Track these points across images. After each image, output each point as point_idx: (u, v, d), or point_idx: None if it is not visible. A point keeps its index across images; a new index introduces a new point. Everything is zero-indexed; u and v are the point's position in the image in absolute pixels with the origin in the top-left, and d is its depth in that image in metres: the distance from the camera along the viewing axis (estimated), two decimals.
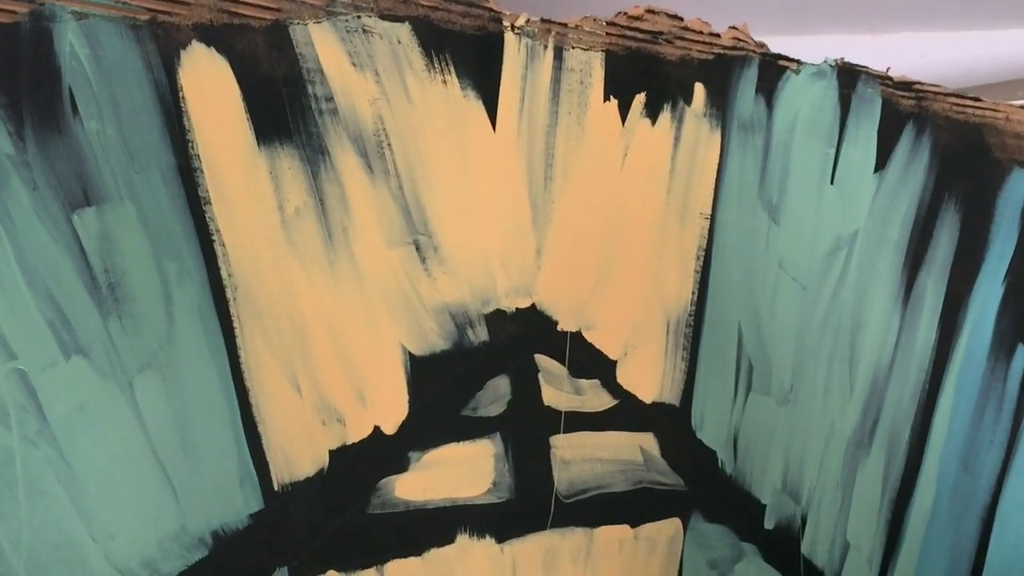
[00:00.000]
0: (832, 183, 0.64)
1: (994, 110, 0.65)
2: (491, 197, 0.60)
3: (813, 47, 0.60)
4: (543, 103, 0.59)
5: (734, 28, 0.58)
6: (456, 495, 0.67)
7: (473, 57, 0.56)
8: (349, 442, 0.61)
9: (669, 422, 0.70)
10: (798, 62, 0.61)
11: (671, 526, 0.74)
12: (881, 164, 0.65)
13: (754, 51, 0.60)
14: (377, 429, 0.62)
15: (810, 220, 0.68)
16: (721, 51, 0.60)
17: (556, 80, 0.59)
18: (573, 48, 0.58)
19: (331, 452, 0.61)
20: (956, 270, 0.69)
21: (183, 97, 0.50)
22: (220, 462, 0.57)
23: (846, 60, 0.62)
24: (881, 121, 0.64)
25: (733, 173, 0.64)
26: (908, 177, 0.66)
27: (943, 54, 0.76)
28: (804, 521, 0.74)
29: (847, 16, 0.67)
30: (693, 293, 0.66)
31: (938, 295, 0.69)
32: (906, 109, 0.64)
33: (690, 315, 0.67)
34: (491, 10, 0.55)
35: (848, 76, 0.62)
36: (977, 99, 0.64)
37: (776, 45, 0.51)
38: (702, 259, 0.65)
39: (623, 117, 0.60)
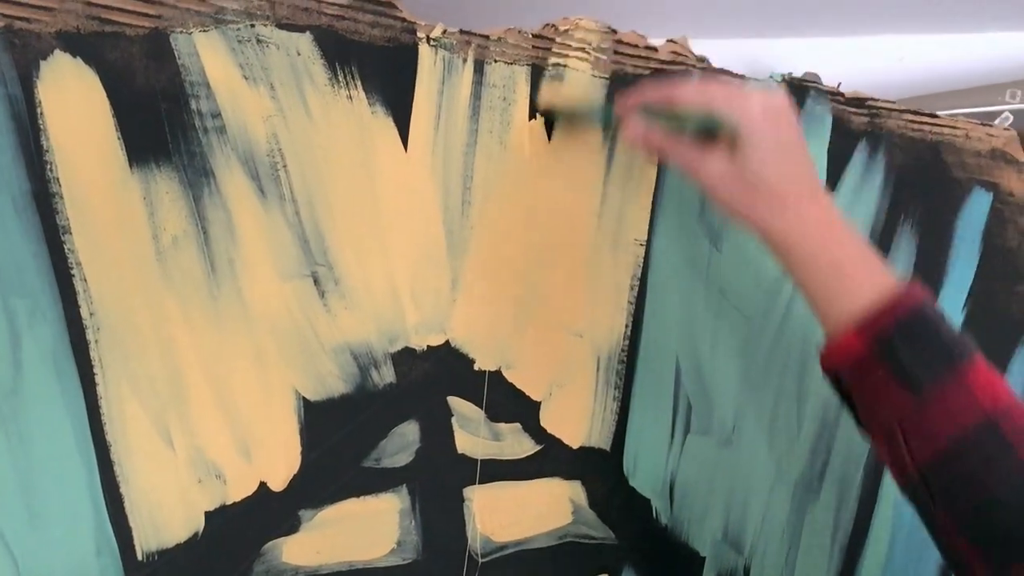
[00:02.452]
0: None
1: (952, 127, 0.78)
2: (401, 223, 0.67)
3: (788, 50, 0.70)
4: (461, 121, 0.67)
5: (672, 41, 0.67)
6: (354, 558, 0.74)
7: (383, 70, 0.63)
8: (229, 501, 0.68)
9: (598, 469, 0.80)
10: (742, 76, 0.72)
11: None
12: (832, 185, 0.77)
13: (694, 65, 0.70)
14: (263, 485, 0.69)
15: (755, 245, 0.79)
16: (658, 65, 0.70)
17: (476, 96, 0.67)
18: (495, 62, 0.66)
19: (208, 514, 0.67)
20: None
21: (41, 114, 0.55)
22: (73, 529, 0.63)
23: (794, 73, 0.74)
24: (832, 139, 0.76)
25: (671, 195, 0.74)
26: (861, 199, 0.79)
27: (922, 57, 0.89)
28: (747, 573, 0.86)
29: (823, 18, 0.79)
30: (626, 326, 0.76)
31: None
32: (858, 127, 0.77)
33: (623, 350, 0.77)
34: (404, 20, 0.62)
35: (796, 91, 0.73)
36: (933, 115, 0.77)
37: (741, 50, 0.62)
38: (636, 289, 0.75)
39: (549, 136, 0.69)
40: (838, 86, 0.74)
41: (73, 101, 0.56)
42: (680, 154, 0.58)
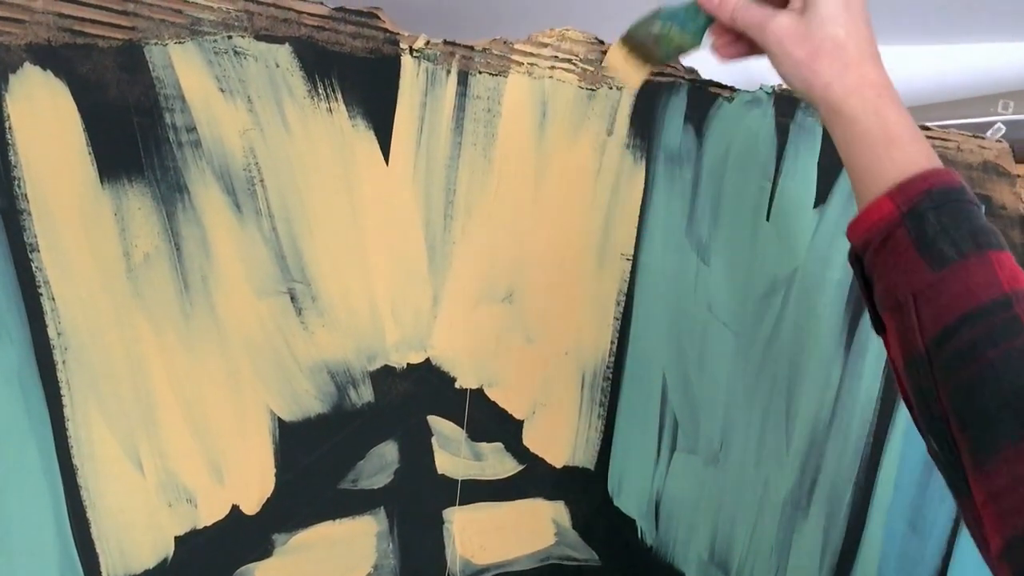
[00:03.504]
0: (768, 219, 0.78)
1: (944, 139, 0.81)
2: (381, 239, 0.69)
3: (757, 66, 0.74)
4: (444, 133, 0.69)
5: None
6: None
7: (364, 82, 0.65)
8: (200, 526, 0.69)
9: (582, 489, 0.82)
10: (732, 89, 0.74)
11: None
12: (822, 198, 0.79)
13: (683, 77, 0.73)
14: (235, 509, 0.70)
15: (743, 260, 0.81)
16: (647, 77, 0.73)
17: (460, 108, 0.69)
18: (480, 73, 0.68)
19: (178, 538, 0.69)
20: None
21: (9, 128, 0.56)
22: (37, 555, 0.64)
23: (784, 86, 0.77)
24: (821, 152, 0.78)
25: (658, 209, 0.76)
26: (851, 212, 0.80)
27: (913, 68, 0.93)
28: None
29: None
30: (612, 343, 0.79)
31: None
32: None
33: (608, 367, 0.80)
34: (387, 30, 0.64)
35: (786, 103, 0.76)
36: (926, 127, 0.80)
37: (739, 63, 0.65)
38: (623, 304, 0.78)
39: (535, 149, 0.72)
40: None
41: (42, 115, 0.57)
42: (750, 13, 0.60)
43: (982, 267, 0.52)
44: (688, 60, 0.71)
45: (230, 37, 0.61)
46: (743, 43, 0.62)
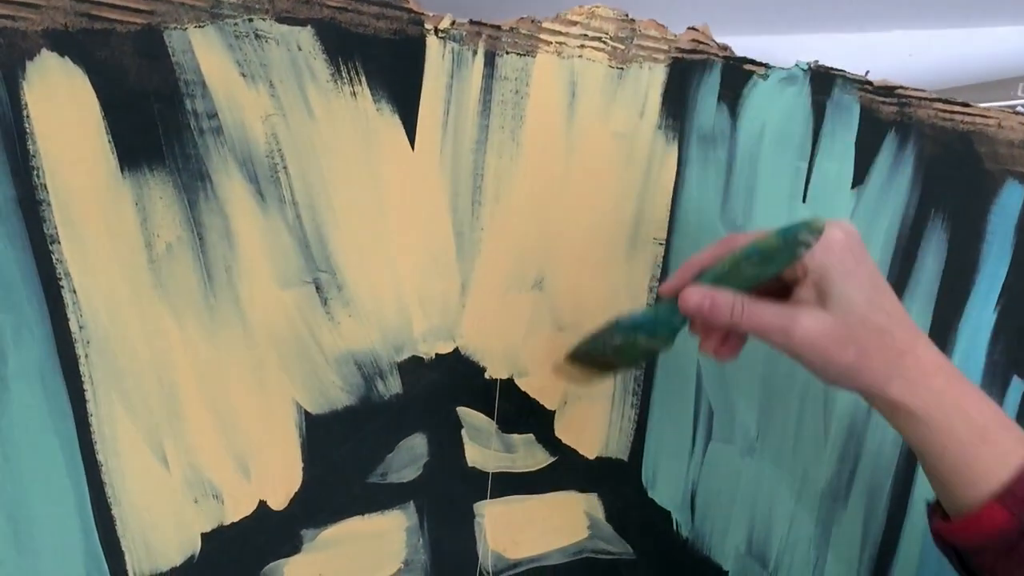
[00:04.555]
0: (804, 201, 0.76)
1: (984, 116, 0.78)
2: (408, 226, 0.68)
3: (794, 47, 0.71)
4: (471, 116, 0.67)
5: (693, 29, 0.68)
6: None
7: (389, 65, 0.63)
8: (227, 522, 0.68)
9: (616, 480, 0.80)
10: (766, 66, 0.72)
11: None
12: (859, 179, 0.77)
13: (716, 54, 0.70)
14: (263, 504, 0.69)
15: None
16: (679, 55, 0.70)
17: (487, 90, 0.67)
18: (507, 53, 0.66)
19: (204, 535, 0.68)
20: (943, 295, 0.83)
21: (28, 116, 0.55)
22: (61, 554, 0.63)
23: (820, 62, 0.74)
24: (859, 130, 0.76)
25: (692, 192, 0.74)
26: (890, 192, 0.79)
27: (932, 53, 0.90)
28: None
29: (830, 14, 0.80)
30: None
31: (924, 323, 0.83)
32: (887, 116, 0.77)
33: None
34: (410, 11, 0.62)
35: (822, 81, 0.74)
36: (966, 104, 0.77)
37: (753, 46, 0.61)
38: (655, 291, 0.76)
39: (564, 131, 0.70)
40: (866, 74, 0.74)
41: (61, 103, 0.56)
42: (762, 316, 0.51)
43: None
44: (730, 35, 0.68)
45: (251, 20, 0.59)
46: (739, 337, 0.55)
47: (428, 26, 0.63)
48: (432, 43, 0.64)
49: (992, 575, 0.51)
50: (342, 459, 0.71)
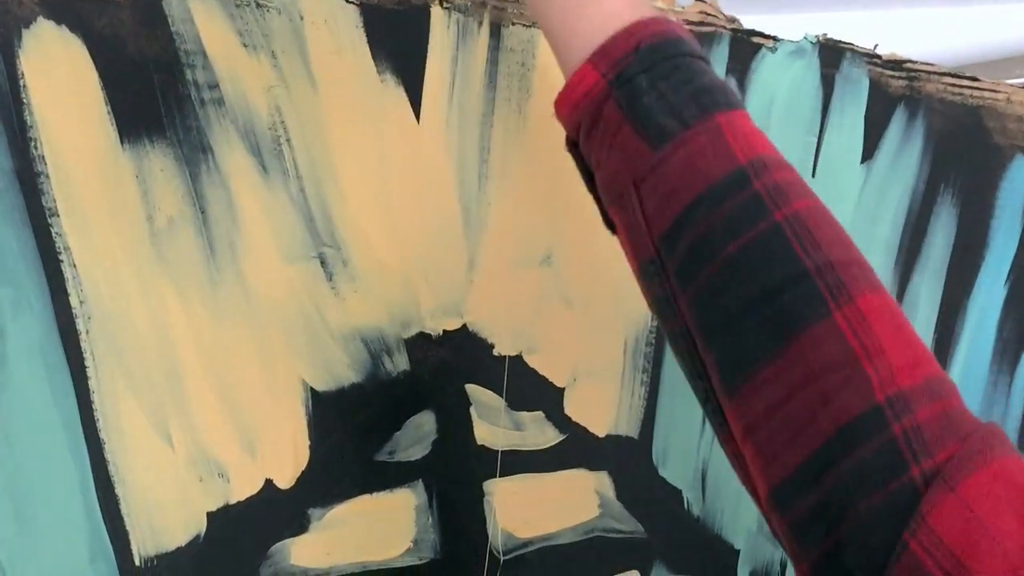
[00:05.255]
0: (813, 176, 0.75)
1: (993, 91, 0.77)
2: (413, 200, 0.66)
3: (797, 25, 0.70)
4: (477, 88, 0.65)
5: (701, 1, 0.67)
6: (367, 558, 0.74)
7: (393, 36, 0.62)
8: (233, 501, 0.67)
9: (626, 458, 0.79)
10: (774, 39, 0.70)
11: None
12: (869, 153, 0.76)
13: (724, 27, 0.69)
14: (269, 483, 0.68)
15: None
16: (687, 27, 0.69)
17: (493, 62, 0.65)
18: (513, 24, 0.65)
19: (210, 514, 0.66)
20: (953, 270, 0.82)
21: (25, 86, 0.53)
22: (64, 534, 0.62)
23: (829, 36, 0.72)
24: (868, 105, 0.75)
25: None
26: (899, 167, 0.78)
27: (938, 30, 0.89)
28: (784, 567, 0.87)
29: None
30: None
31: (933, 299, 0.82)
32: (896, 91, 0.75)
33: (651, 332, 0.76)
34: None
35: (831, 54, 0.72)
36: (975, 79, 0.76)
37: (768, 23, 0.60)
38: None
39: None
40: (875, 48, 0.73)
41: (58, 73, 0.54)
42: None
43: (709, 136, 0.41)
44: (732, 12, 0.66)
45: None
46: None
47: None
48: (437, 14, 0.63)
49: (593, 161, 0.46)
50: (350, 437, 0.70)
